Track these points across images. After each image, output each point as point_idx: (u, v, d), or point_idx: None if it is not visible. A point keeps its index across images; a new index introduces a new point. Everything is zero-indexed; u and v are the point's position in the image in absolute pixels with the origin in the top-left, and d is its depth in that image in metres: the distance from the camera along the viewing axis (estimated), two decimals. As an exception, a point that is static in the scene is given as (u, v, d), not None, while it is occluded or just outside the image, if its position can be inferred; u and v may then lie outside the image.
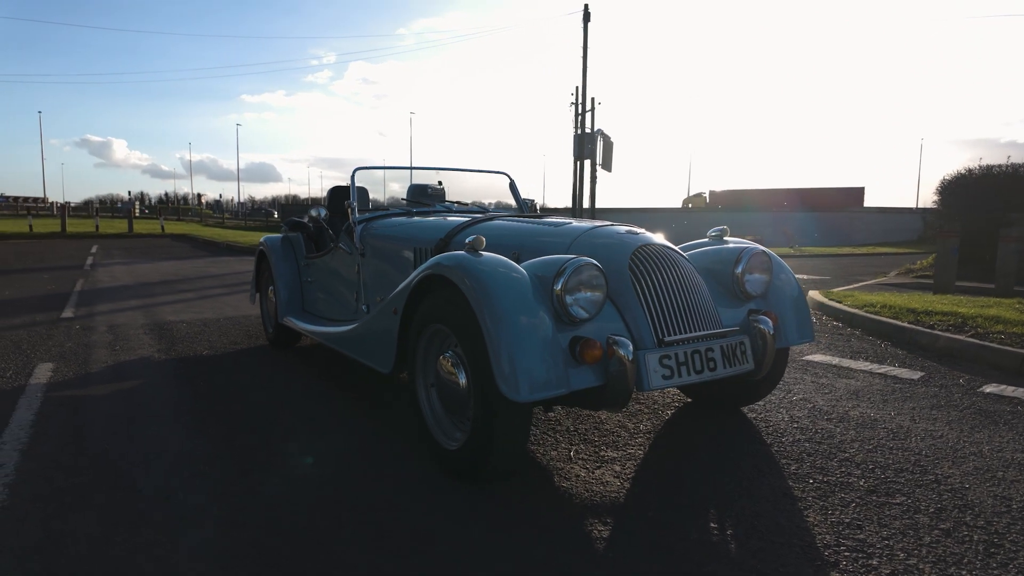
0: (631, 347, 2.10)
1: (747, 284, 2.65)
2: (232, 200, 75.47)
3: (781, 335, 2.69)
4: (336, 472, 2.40)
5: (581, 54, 24.47)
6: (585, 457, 2.53)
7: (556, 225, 2.80)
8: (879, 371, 3.91)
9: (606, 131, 35.93)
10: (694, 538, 1.90)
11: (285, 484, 2.28)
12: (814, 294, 6.76)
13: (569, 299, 2.10)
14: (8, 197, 50.34)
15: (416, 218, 3.60)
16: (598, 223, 2.75)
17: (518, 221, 3.04)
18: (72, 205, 57.33)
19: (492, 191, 4.85)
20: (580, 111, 25.92)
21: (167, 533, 1.91)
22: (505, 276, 2.14)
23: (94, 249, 15.63)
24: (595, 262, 2.18)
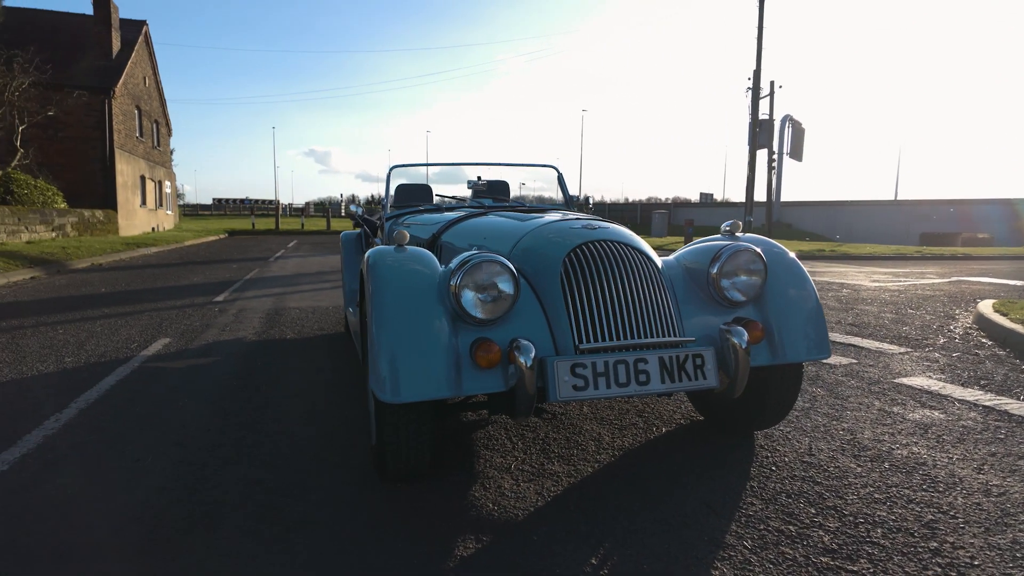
0: (533, 353, 1.91)
1: (726, 288, 2.26)
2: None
3: (780, 349, 2.26)
4: (277, 444, 2.53)
5: (756, 35, 22.48)
6: (526, 468, 2.36)
7: (523, 220, 2.64)
8: (987, 403, 3.09)
9: (795, 117, 32.81)
10: (556, 572, 1.69)
11: (241, 451, 2.47)
12: (984, 305, 5.52)
13: (466, 297, 1.98)
14: (250, 200, 60.32)
15: (439, 214, 3.63)
16: (563, 217, 2.54)
17: (506, 216, 2.92)
18: (295, 206, 66.89)
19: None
20: (755, 96, 23.84)
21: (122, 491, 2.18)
22: (403, 273, 2.07)
23: (291, 244, 18.08)
24: (501, 259, 2.02)
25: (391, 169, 3.95)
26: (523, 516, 1.99)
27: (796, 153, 32.45)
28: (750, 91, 24.32)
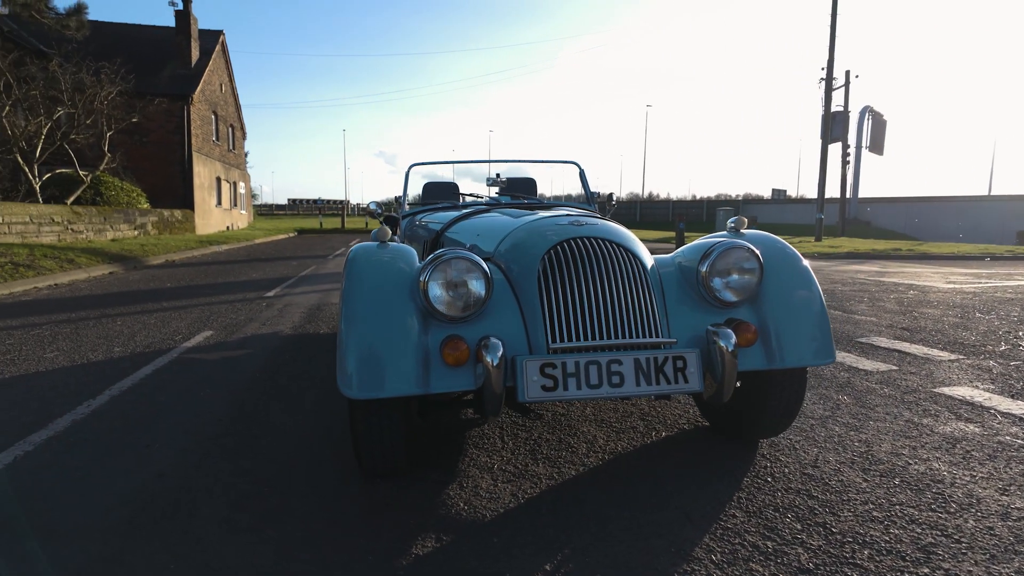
0: (501, 352, 1.87)
1: (717, 288, 2.14)
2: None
3: (776, 353, 2.13)
4: (271, 443, 2.60)
5: (830, 21, 21.33)
6: (509, 469, 2.33)
7: (517, 216, 2.60)
8: (1037, 417, 2.80)
9: (876, 108, 31.01)
10: None
11: (244, 443, 2.55)
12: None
13: (434, 293, 1.97)
14: (321, 200, 62.73)
15: (449, 212, 3.63)
16: (555, 213, 2.48)
17: (504, 213, 2.89)
18: (362, 206, 69.03)
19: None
20: (828, 87, 22.63)
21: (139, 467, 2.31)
22: (378, 269, 2.08)
23: (353, 242, 18.68)
24: (471, 256, 1.99)
25: (410, 167, 3.99)
26: (491, 517, 1.96)
27: (876, 146, 30.63)
28: (823, 81, 23.10)
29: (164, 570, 1.69)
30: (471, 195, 4.38)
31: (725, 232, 2.48)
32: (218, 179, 23.44)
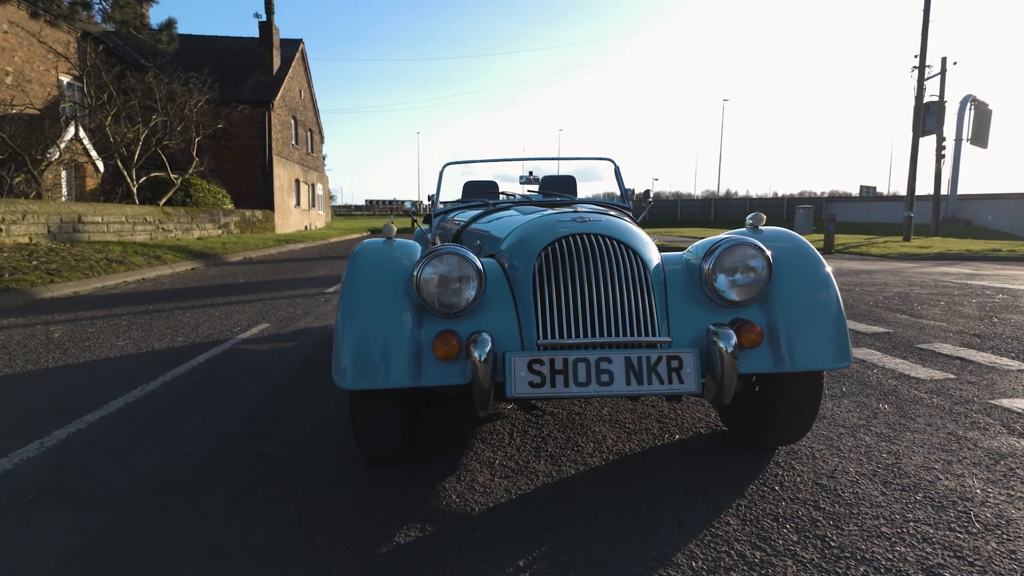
0: (489, 347, 1.89)
1: (721, 286, 2.06)
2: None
3: (786, 356, 2.02)
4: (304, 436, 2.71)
5: (923, 5, 19.88)
6: (509, 465, 2.33)
7: (527, 214, 2.60)
8: (1106, 435, 2.51)
9: (980, 97, 28.74)
10: (477, 569, 1.66)
11: (271, 431, 2.69)
12: None
13: (427, 289, 2.00)
14: (396, 201, 64.66)
15: (476, 211, 3.67)
16: (556, 210, 2.47)
17: (519, 211, 2.89)
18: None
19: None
20: (921, 75, 21.09)
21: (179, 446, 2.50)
22: (378, 264, 2.13)
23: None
24: (464, 253, 2.01)
25: (443, 167, 4.06)
26: (479, 511, 1.98)
27: (980, 139, 28.22)
28: (915, 70, 21.55)
29: (166, 542, 1.81)
30: (507, 193, 4.41)
31: (743, 229, 2.38)
32: (297, 181, 24.63)
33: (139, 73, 16.30)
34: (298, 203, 24.81)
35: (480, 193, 4.41)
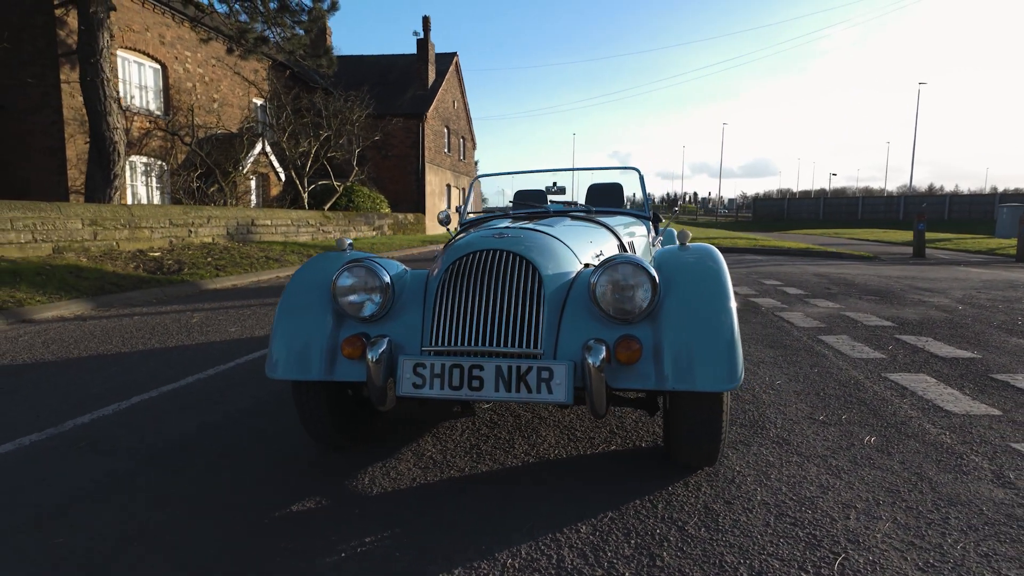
0: (382, 349, 2.15)
1: (604, 303, 2.11)
2: (720, 197, 78.82)
3: (668, 375, 2.03)
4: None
5: None
6: (437, 457, 2.55)
7: (492, 226, 2.79)
8: (1122, 495, 2.08)
9: None
10: (336, 549, 1.93)
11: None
12: None
13: (340, 296, 2.31)
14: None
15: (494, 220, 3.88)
16: (513, 224, 2.62)
17: (496, 223, 3.07)
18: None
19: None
20: None
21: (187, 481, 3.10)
22: (314, 271, 2.47)
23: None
24: (368, 266, 2.29)
25: (474, 179, 4.33)
26: (375, 493, 2.23)
27: None
28: None
29: (160, 494, 2.28)
30: (555, 202, 4.56)
31: (674, 245, 2.37)
32: (448, 186, 26.38)
33: (309, 94, 18.67)
34: (448, 207, 26.56)
35: (529, 200, 4.61)
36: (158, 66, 15.58)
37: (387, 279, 2.28)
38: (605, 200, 4.59)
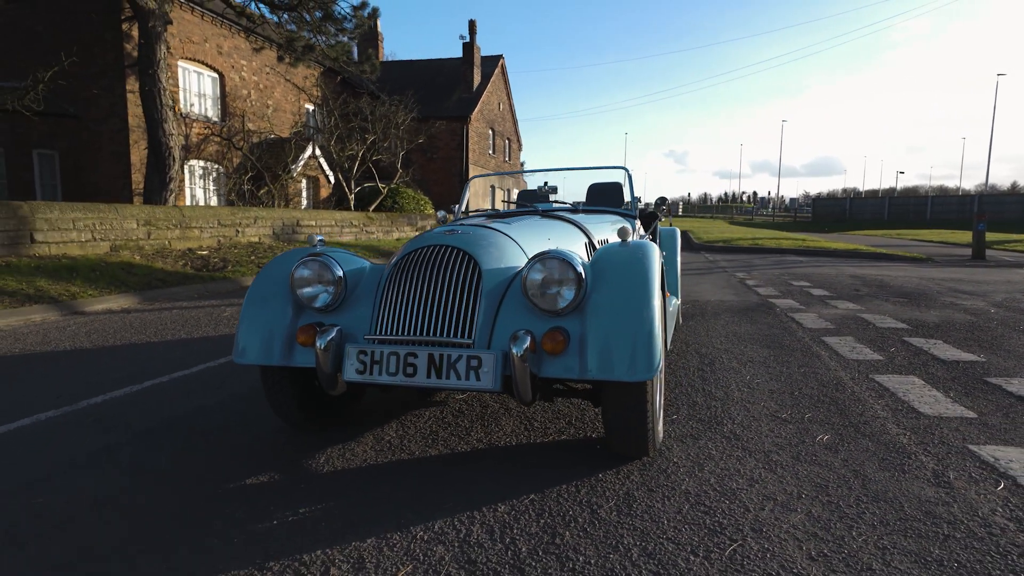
0: (330, 337, 2.33)
1: (532, 296, 2.21)
2: (780, 196, 76.13)
3: (588, 365, 2.12)
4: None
5: None
6: (395, 442, 2.70)
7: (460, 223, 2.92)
8: (1060, 499, 2.02)
9: None
10: (247, 529, 2.11)
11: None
12: None
13: (297, 288, 2.49)
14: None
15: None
16: (466, 223, 2.75)
17: (490, 222, 3.20)
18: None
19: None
20: None
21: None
22: (280, 265, 2.66)
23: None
24: (323, 261, 2.47)
25: (469, 180, 4.47)
26: (326, 472, 2.41)
27: None
28: None
29: (138, 465, 2.54)
30: (557, 202, 4.65)
31: (616, 241, 2.45)
32: (492, 187, 26.65)
33: (357, 99, 19.30)
34: (492, 207, 26.89)
35: (531, 200, 4.73)
36: (216, 75, 16.48)
37: (340, 273, 2.46)
38: (603, 199, 4.66)
